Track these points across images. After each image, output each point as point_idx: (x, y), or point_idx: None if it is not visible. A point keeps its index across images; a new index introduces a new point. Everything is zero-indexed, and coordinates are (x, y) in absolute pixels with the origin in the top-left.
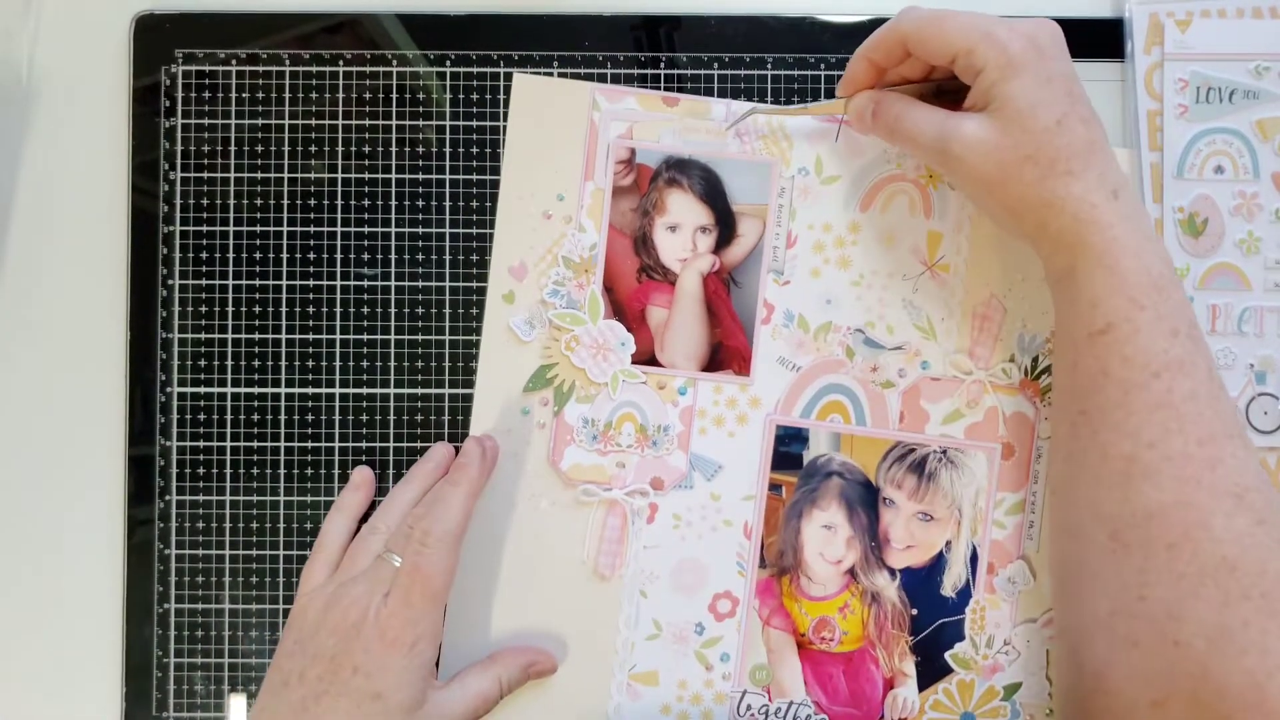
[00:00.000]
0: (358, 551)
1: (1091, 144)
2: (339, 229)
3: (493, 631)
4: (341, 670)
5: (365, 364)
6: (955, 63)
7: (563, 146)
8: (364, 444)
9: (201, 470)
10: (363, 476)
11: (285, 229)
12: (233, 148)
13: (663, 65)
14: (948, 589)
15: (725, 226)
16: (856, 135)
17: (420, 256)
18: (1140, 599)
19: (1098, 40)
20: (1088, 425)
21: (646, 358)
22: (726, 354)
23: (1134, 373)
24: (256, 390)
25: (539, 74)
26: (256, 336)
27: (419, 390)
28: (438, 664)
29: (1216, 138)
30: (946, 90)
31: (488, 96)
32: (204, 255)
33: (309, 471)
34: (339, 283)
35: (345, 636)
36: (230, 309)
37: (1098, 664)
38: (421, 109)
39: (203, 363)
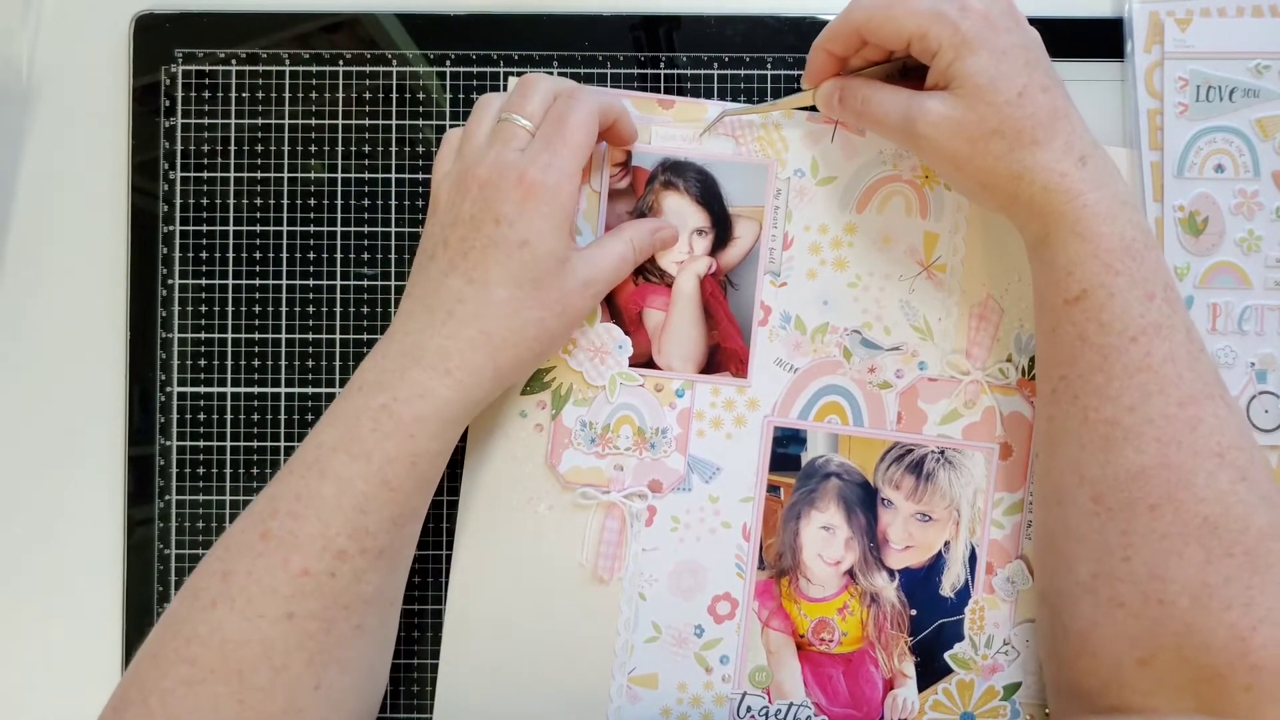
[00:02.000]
0: (475, 126)
1: (1055, 111)
2: (339, 229)
3: (492, 636)
4: (484, 225)
5: None
6: (911, 47)
7: None
8: None
9: (201, 470)
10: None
11: (285, 229)
12: (232, 147)
13: (663, 65)
14: (946, 589)
15: (721, 229)
16: (852, 136)
17: None
18: (1124, 560)
19: (1098, 40)
20: (1068, 390)
21: (644, 360)
22: (724, 356)
23: (1111, 338)
24: (256, 390)
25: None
26: (256, 336)
27: None
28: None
29: (1217, 136)
30: (912, 68)
31: None
32: (204, 255)
33: None
34: (339, 283)
35: (482, 194)
36: (230, 309)
37: (1082, 626)
38: (421, 109)
39: (202, 362)
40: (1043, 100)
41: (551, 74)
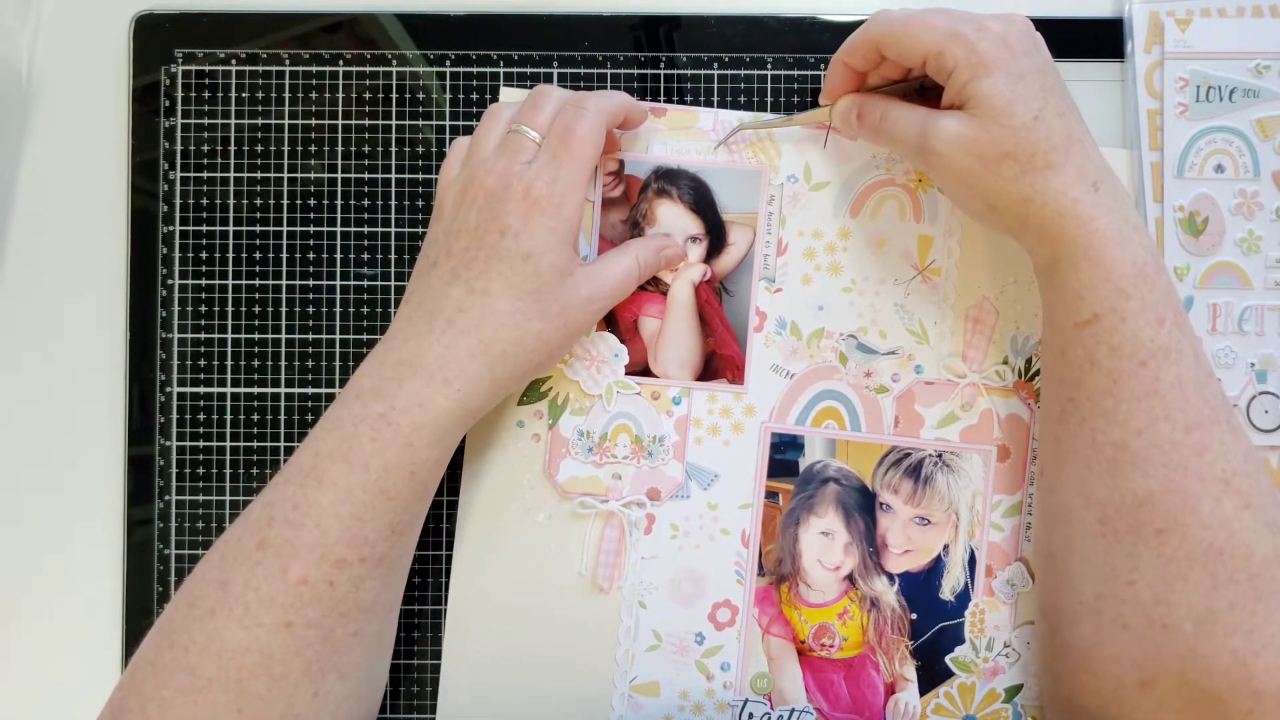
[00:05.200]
0: (484, 135)
1: (1069, 137)
2: (339, 229)
3: (493, 648)
4: (488, 235)
5: None
6: (927, 65)
7: None
8: None
9: (201, 470)
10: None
11: (285, 229)
12: (232, 147)
13: (662, 65)
14: (946, 593)
15: (715, 235)
16: (844, 140)
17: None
18: (1129, 584)
19: (1098, 40)
20: (1076, 413)
21: (640, 368)
22: (720, 363)
23: (1121, 361)
24: (256, 390)
25: (538, 74)
26: (256, 336)
27: None
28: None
29: (1217, 136)
30: (930, 88)
31: (487, 97)
32: (204, 255)
33: None
34: (339, 283)
35: (488, 204)
36: (230, 309)
37: (1084, 645)
38: (421, 109)
39: (202, 363)
40: (1058, 125)
41: (552, 75)
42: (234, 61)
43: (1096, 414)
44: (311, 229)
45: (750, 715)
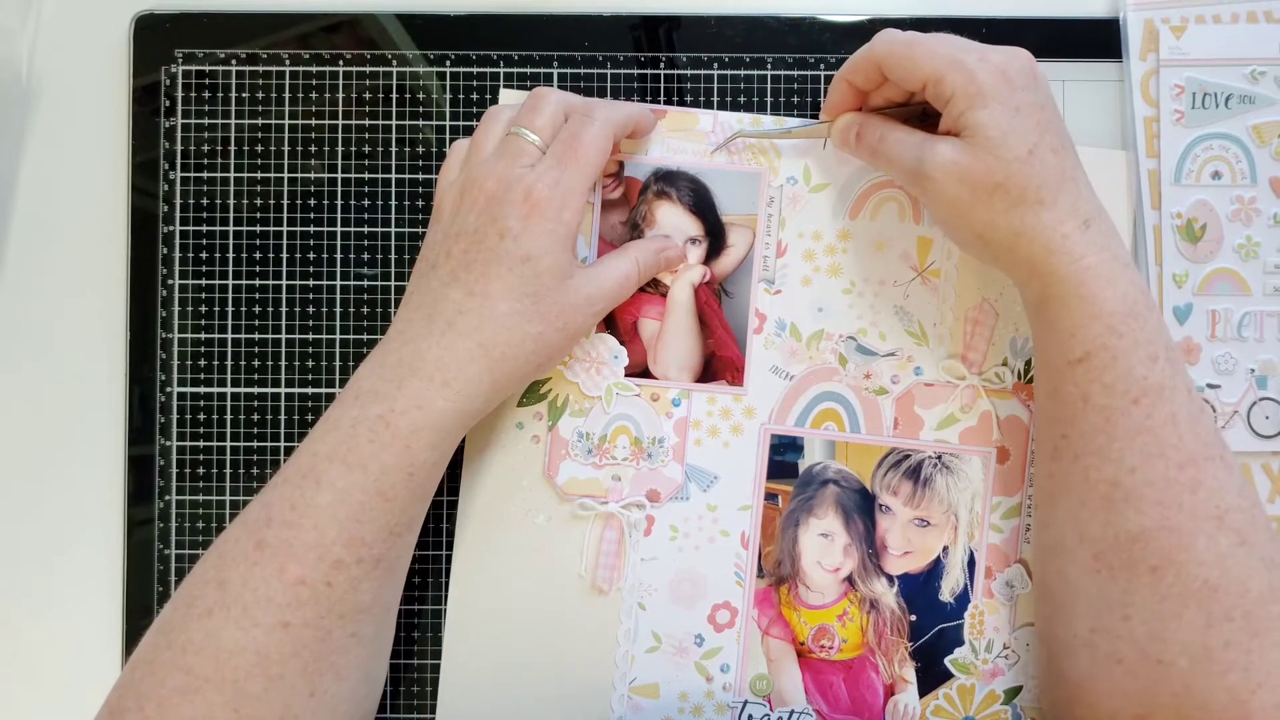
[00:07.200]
0: (482, 138)
1: (1062, 173)
2: (339, 229)
3: (492, 649)
4: (488, 238)
5: None
6: (926, 90)
7: None
8: None
9: (201, 470)
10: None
11: (285, 229)
12: (232, 147)
13: (662, 65)
14: (946, 594)
15: (715, 237)
16: None
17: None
18: (1124, 619)
19: (1095, 40)
20: (1069, 450)
21: (639, 370)
22: (719, 364)
23: (1114, 399)
24: (256, 390)
25: (538, 74)
26: (256, 336)
27: None
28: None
29: (1213, 143)
30: (931, 114)
31: (487, 97)
32: (204, 255)
33: None
34: (339, 283)
35: (488, 207)
36: (230, 309)
37: (1080, 677)
38: (421, 109)
39: (202, 363)
40: (1052, 161)
41: (552, 75)
42: (234, 61)
43: (1089, 451)
44: (311, 229)
45: (750, 717)
